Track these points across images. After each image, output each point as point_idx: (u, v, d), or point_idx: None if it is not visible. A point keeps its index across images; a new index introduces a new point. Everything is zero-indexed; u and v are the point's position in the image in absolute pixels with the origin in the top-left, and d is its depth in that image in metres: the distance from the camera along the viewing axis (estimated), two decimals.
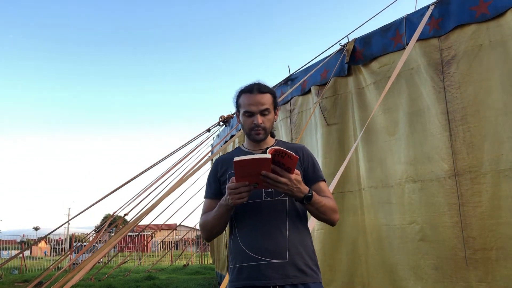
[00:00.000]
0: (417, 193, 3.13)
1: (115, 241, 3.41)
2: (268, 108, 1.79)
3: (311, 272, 1.71)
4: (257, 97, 1.78)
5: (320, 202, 1.69)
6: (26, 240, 32.69)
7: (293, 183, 1.56)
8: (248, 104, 1.79)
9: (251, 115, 1.79)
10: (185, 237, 22.08)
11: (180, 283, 9.19)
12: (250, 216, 1.75)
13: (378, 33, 3.67)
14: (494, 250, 2.68)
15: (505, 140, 2.72)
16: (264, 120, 1.78)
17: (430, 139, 3.10)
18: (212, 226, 1.78)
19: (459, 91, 2.98)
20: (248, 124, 1.80)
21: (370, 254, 3.44)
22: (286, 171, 1.54)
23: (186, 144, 6.31)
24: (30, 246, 24.12)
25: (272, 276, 1.65)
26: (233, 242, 1.80)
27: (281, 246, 1.69)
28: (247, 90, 1.82)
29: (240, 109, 1.84)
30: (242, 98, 1.83)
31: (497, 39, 2.85)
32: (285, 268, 1.66)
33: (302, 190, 1.60)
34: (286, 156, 1.49)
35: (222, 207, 1.68)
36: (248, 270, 1.69)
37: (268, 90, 1.83)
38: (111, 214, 8.15)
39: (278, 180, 1.54)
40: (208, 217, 1.79)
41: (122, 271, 13.00)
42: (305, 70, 4.55)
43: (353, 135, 3.78)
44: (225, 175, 1.85)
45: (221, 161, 1.92)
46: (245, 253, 1.71)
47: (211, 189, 1.90)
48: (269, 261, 1.67)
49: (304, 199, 1.63)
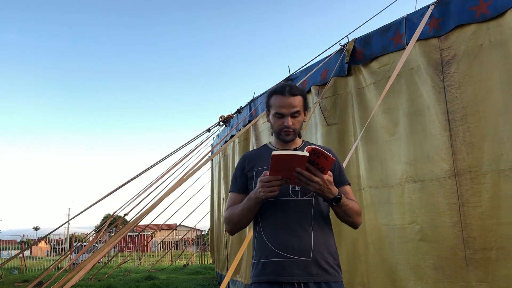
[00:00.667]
0: (417, 193, 3.13)
1: (115, 241, 3.41)
2: (299, 111, 1.83)
3: (334, 271, 1.76)
4: (289, 100, 1.81)
5: (348, 205, 1.74)
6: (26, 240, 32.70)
7: (325, 183, 1.60)
8: (279, 106, 1.83)
9: (281, 117, 1.83)
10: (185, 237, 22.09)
11: (180, 283, 9.19)
12: (275, 214, 1.78)
13: (378, 33, 3.67)
14: (494, 250, 2.68)
15: (505, 140, 2.72)
16: (294, 122, 1.83)
17: (430, 139, 3.10)
18: (239, 219, 1.81)
19: (459, 91, 2.98)
20: (278, 125, 1.85)
21: (370, 254, 3.44)
22: (319, 171, 1.58)
23: (186, 144, 6.31)
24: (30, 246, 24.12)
25: (295, 273, 1.69)
26: (257, 238, 1.84)
27: (306, 244, 1.73)
28: (279, 92, 1.85)
29: (271, 110, 1.88)
30: (274, 99, 1.86)
31: (497, 39, 2.85)
32: (309, 266, 1.70)
33: (332, 192, 1.65)
34: (322, 156, 1.53)
35: (252, 200, 1.72)
36: (273, 266, 1.73)
37: (300, 92, 1.86)
38: (111, 214, 8.16)
39: (311, 178, 1.58)
40: (234, 210, 1.83)
41: (122, 271, 12.99)
42: (305, 70, 4.55)
43: (353, 135, 3.78)
44: (252, 170, 1.89)
45: (248, 157, 1.97)
46: (270, 249, 1.75)
47: (237, 183, 1.94)
48: (293, 258, 1.71)
49: (334, 200, 1.67)
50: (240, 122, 6.05)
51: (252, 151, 2.05)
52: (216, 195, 8.18)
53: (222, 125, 6.77)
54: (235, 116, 6.43)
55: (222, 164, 7.37)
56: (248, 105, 5.94)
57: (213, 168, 8.73)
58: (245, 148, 6.08)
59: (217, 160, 8.07)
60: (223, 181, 7.29)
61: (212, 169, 8.92)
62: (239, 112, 6.25)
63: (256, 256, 1.82)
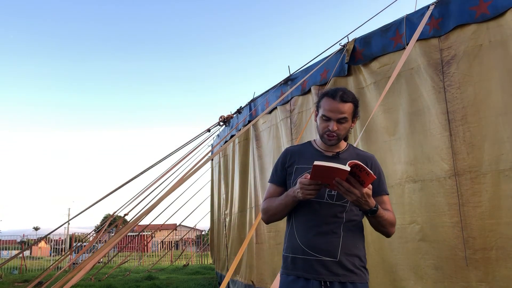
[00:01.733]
0: (417, 193, 3.13)
1: (115, 241, 3.40)
2: (346, 117, 1.83)
3: (360, 272, 1.80)
4: (338, 105, 1.81)
5: (383, 216, 1.77)
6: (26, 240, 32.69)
7: (363, 196, 1.62)
8: (327, 109, 1.83)
9: (327, 120, 1.84)
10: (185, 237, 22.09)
11: (180, 283, 9.19)
12: (308, 213, 1.82)
13: (378, 33, 3.67)
14: (494, 250, 2.68)
15: (505, 140, 2.72)
16: (339, 127, 1.83)
17: (430, 139, 3.10)
18: (275, 212, 1.88)
19: (459, 91, 2.98)
20: (322, 127, 1.86)
21: (370, 254, 3.43)
22: (359, 183, 1.60)
23: (186, 144, 6.31)
24: (30, 246, 24.11)
25: (322, 272, 1.74)
26: (289, 233, 1.89)
27: (334, 246, 1.77)
28: (330, 95, 1.85)
29: (319, 111, 1.88)
30: (324, 101, 1.87)
31: (497, 39, 2.85)
32: (335, 266, 1.75)
33: (369, 204, 1.67)
34: (363, 171, 1.55)
35: (289, 198, 1.78)
36: (302, 263, 1.78)
37: (351, 99, 1.85)
38: (111, 214, 8.16)
39: (350, 190, 1.61)
40: (272, 203, 1.89)
41: (122, 271, 12.99)
42: (305, 70, 4.55)
43: (353, 135, 3.78)
44: (293, 166, 1.92)
45: (291, 152, 1.99)
46: (300, 246, 1.80)
47: (277, 175, 1.98)
48: (320, 258, 1.76)
49: (369, 212, 1.71)
50: (240, 122, 6.05)
51: (295, 146, 2.07)
52: (216, 195, 8.18)
53: (222, 125, 6.78)
54: (235, 116, 6.43)
55: (222, 164, 7.37)
56: (248, 105, 5.94)
57: (213, 168, 8.73)
58: (245, 148, 6.08)
59: (217, 160, 8.06)
60: (223, 181, 7.29)
61: (212, 169, 8.92)
62: (239, 112, 6.25)
63: (287, 250, 1.87)
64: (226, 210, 7.03)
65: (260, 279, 4.96)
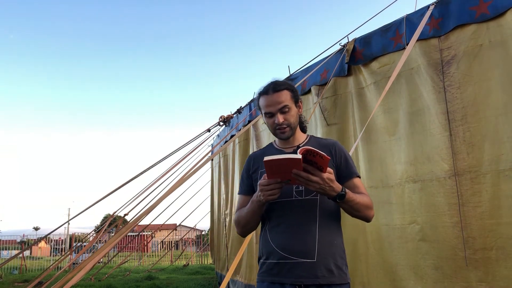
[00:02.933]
0: (417, 193, 3.13)
1: (115, 241, 3.40)
2: (287, 105, 1.79)
3: (339, 272, 1.72)
4: (274, 97, 1.79)
5: (354, 200, 1.68)
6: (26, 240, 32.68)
7: (325, 182, 1.55)
8: (266, 105, 1.81)
9: (271, 116, 1.81)
10: (185, 237, 22.09)
11: (180, 283, 9.19)
12: (280, 215, 1.76)
13: (378, 33, 3.67)
14: (494, 250, 2.68)
15: (505, 140, 2.72)
16: (285, 117, 1.80)
17: (430, 139, 3.10)
18: (246, 222, 1.82)
19: (459, 91, 2.98)
20: (271, 124, 1.83)
21: (370, 254, 3.44)
22: (318, 169, 1.53)
23: (186, 144, 6.31)
24: (30, 246, 24.11)
25: (300, 275, 1.67)
26: (263, 238, 1.83)
27: (310, 246, 1.70)
28: (263, 92, 1.85)
29: (262, 111, 1.87)
30: (261, 100, 1.86)
31: (497, 39, 2.85)
32: (314, 268, 1.67)
33: (334, 189, 1.59)
34: (318, 156, 1.48)
35: (254, 203, 1.71)
36: (278, 267, 1.72)
37: (285, 86, 1.83)
38: (111, 214, 8.15)
39: (309, 179, 1.53)
40: (241, 213, 1.84)
41: (122, 271, 12.99)
42: (305, 70, 4.55)
43: (353, 135, 3.78)
44: (257, 172, 1.88)
45: (253, 157, 1.96)
46: (275, 250, 1.73)
47: (244, 185, 1.94)
48: (298, 260, 1.69)
49: (337, 197, 1.62)
50: (240, 122, 6.05)
51: (257, 151, 2.02)
52: (216, 195, 8.18)
53: (222, 125, 6.78)
54: (235, 116, 6.43)
55: (222, 164, 7.37)
56: (248, 105, 5.94)
57: (213, 168, 8.73)
58: (245, 148, 6.08)
59: (217, 160, 8.07)
60: (223, 181, 7.29)
61: (212, 169, 8.93)
62: (239, 112, 6.25)
63: (263, 256, 1.81)
64: (226, 210, 7.03)
65: None
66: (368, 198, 1.79)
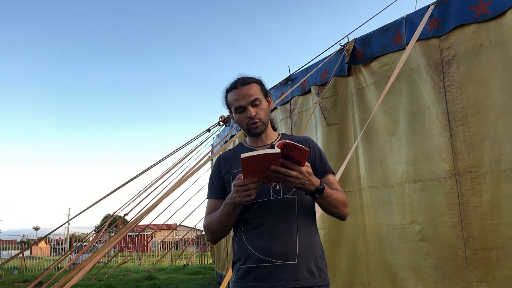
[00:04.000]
0: (417, 193, 3.13)
1: (115, 241, 3.40)
2: (258, 98, 1.72)
3: (320, 273, 1.66)
4: (243, 90, 1.72)
5: (332, 196, 1.62)
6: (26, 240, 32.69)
7: (304, 176, 1.48)
8: (236, 99, 1.73)
9: (243, 110, 1.73)
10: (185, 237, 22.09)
11: (180, 283, 9.19)
12: (257, 216, 1.68)
13: (378, 33, 3.67)
14: (495, 250, 2.68)
15: (505, 140, 2.72)
16: (257, 110, 1.72)
17: (430, 139, 3.10)
18: (218, 227, 1.71)
19: (459, 91, 2.98)
20: (243, 119, 1.74)
21: (370, 254, 3.44)
22: (296, 164, 1.47)
23: (186, 144, 6.32)
24: (30, 246, 24.11)
25: (282, 278, 1.60)
26: (237, 242, 1.74)
27: (291, 247, 1.63)
28: (232, 87, 1.77)
29: (231, 108, 1.77)
30: (230, 96, 1.77)
31: (497, 39, 2.85)
32: (295, 270, 1.61)
33: (313, 183, 1.53)
34: (295, 149, 1.43)
35: (228, 206, 1.60)
36: (257, 272, 1.63)
37: (253, 80, 1.76)
38: (111, 214, 8.16)
39: (288, 174, 1.46)
40: (212, 217, 1.72)
41: (122, 271, 13.00)
42: (305, 70, 4.55)
43: (353, 135, 3.78)
44: (229, 173, 1.78)
45: (224, 159, 1.85)
46: (253, 254, 1.65)
47: (214, 188, 1.84)
48: (278, 262, 1.61)
49: (316, 192, 1.55)
50: None
51: (227, 151, 1.91)
52: None
53: (222, 125, 6.78)
54: None
55: None
56: None
57: None
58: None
59: None
60: None
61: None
62: None
63: (238, 261, 1.72)
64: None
65: None
66: (344, 195, 1.73)
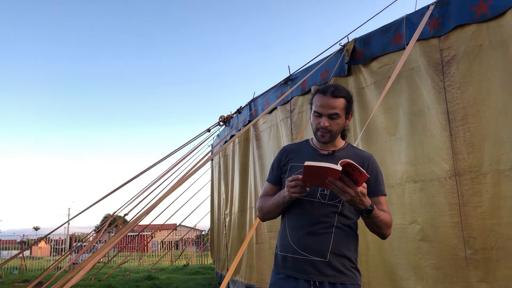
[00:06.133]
0: (417, 193, 3.13)
1: (115, 241, 3.39)
2: (338, 113, 1.80)
3: (350, 273, 1.77)
4: (329, 100, 1.79)
5: (378, 217, 1.72)
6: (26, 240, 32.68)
7: (357, 196, 1.58)
8: (319, 105, 1.82)
9: (319, 116, 1.83)
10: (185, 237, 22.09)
11: (180, 283, 9.19)
12: (300, 213, 1.81)
13: (378, 33, 3.67)
14: (495, 250, 2.68)
15: (505, 140, 2.72)
16: (331, 123, 1.80)
17: (430, 139, 3.10)
18: (268, 211, 1.90)
19: (459, 91, 2.98)
20: (315, 124, 1.85)
21: (370, 254, 3.44)
22: (353, 182, 1.56)
23: (186, 144, 6.31)
24: (30, 246, 24.11)
25: (311, 272, 1.73)
26: (281, 232, 1.89)
27: (324, 246, 1.75)
28: (321, 91, 1.85)
29: (312, 108, 1.88)
30: (316, 97, 1.86)
31: (497, 39, 2.85)
32: (324, 267, 1.73)
33: (364, 203, 1.63)
34: (356, 170, 1.51)
35: (280, 198, 1.78)
36: (292, 262, 1.78)
37: (343, 95, 1.82)
38: (111, 214, 8.15)
39: (344, 189, 1.57)
40: (265, 202, 1.91)
41: (122, 271, 12.99)
42: (305, 70, 4.55)
43: (353, 135, 3.78)
44: (288, 165, 1.91)
45: (287, 150, 1.99)
46: (290, 245, 1.79)
47: (272, 174, 1.98)
48: (310, 257, 1.74)
49: (364, 211, 1.66)
50: (240, 122, 6.05)
51: (292, 144, 2.07)
52: (216, 195, 8.18)
53: (222, 125, 6.78)
54: (235, 116, 6.43)
55: (222, 164, 7.37)
56: (248, 105, 5.94)
57: (213, 168, 8.73)
58: (245, 148, 6.08)
59: (217, 160, 8.06)
60: (223, 181, 7.28)
61: (212, 169, 8.92)
62: (239, 112, 6.25)
63: (279, 248, 1.87)
64: (226, 210, 7.03)
65: (260, 279, 4.96)
66: (390, 217, 1.82)
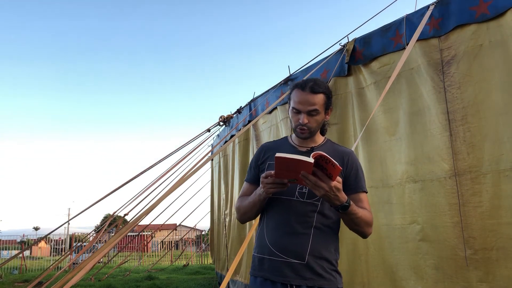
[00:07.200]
0: (417, 193, 3.13)
1: (115, 241, 3.40)
2: (317, 110, 1.74)
3: (329, 276, 1.68)
4: (308, 96, 1.72)
5: (356, 214, 1.64)
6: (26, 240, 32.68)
7: (331, 190, 1.51)
8: (297, 101, 1.75)
9: (297, 113, 1.76)
10: (185, 237, 22.10)
11: (180, 283, 9.19)
12: (278, 213, 1.75)
13: (378, 33, 3.67)
14: (495, 250, 2.68)
15: (505, 140, 2.72)
16: (310, 120, 1.74)
17: (430, 139, 3.10)
18: (245, 211, 1.83)
19: (459, 91, 2.98)
20: (294, 120, 1.78)
21: (370, 254, 3.44)
22: (327, 176, 1.50)
23: (186, 144, 6.31)
24: (30, 246, 24.11)
25: (288, 275, 1.66)
26: (259, 232, 1.82)
27: (303, 248, 1.67)
28: (300, 86, 1.78)
29: (290, 103, 1.81)
30: (294, 93, 1.79)
31: (497, 39, 2.85)
32: (302, 269, 1.66)
33: (339, 199, 1.56)
34: (329, 163, 1.46)
35: (256, 196, 1.71)
36: (268, 264, 1.71)
37: (322, 90, 1.75)
38: (111, 214, 8.15)
39: (317, 183, 1.50)
40: (243, 201, 1.83)
41: (122, 271, 12.98)
42: (305, 70, 4.55)
43: (353, 135, 3.78)
44: (265, 163, 1.85)
45: (266, 148, 1.92)
46: (268, 247, 1.72)
47: (250, 173, 1.92)
48: (288, 260, 1.67)
49: (340, 208, 1.59)
50: (240, 122, 6.05)
51: (271, 142, 1.98)
52: (216, 195, 8.18)
53: (222, 125, 6.78)
54: (235, 116, 6.43)
55: (222, 164, 7.37)
56: (248, 105, 5.94)
57: (213, 168, 8.73)
58: (245, 148, 6.08)
59: (217, 160, 8.06)
60: (223, 181, 7.28)
61: (212, 169, 8.92)
62: (239, 112, 6.25)
63: (256, 249, 1.81)
64: (226, 210, 7.03)
65: None
66: (370, 214, 1.75)
